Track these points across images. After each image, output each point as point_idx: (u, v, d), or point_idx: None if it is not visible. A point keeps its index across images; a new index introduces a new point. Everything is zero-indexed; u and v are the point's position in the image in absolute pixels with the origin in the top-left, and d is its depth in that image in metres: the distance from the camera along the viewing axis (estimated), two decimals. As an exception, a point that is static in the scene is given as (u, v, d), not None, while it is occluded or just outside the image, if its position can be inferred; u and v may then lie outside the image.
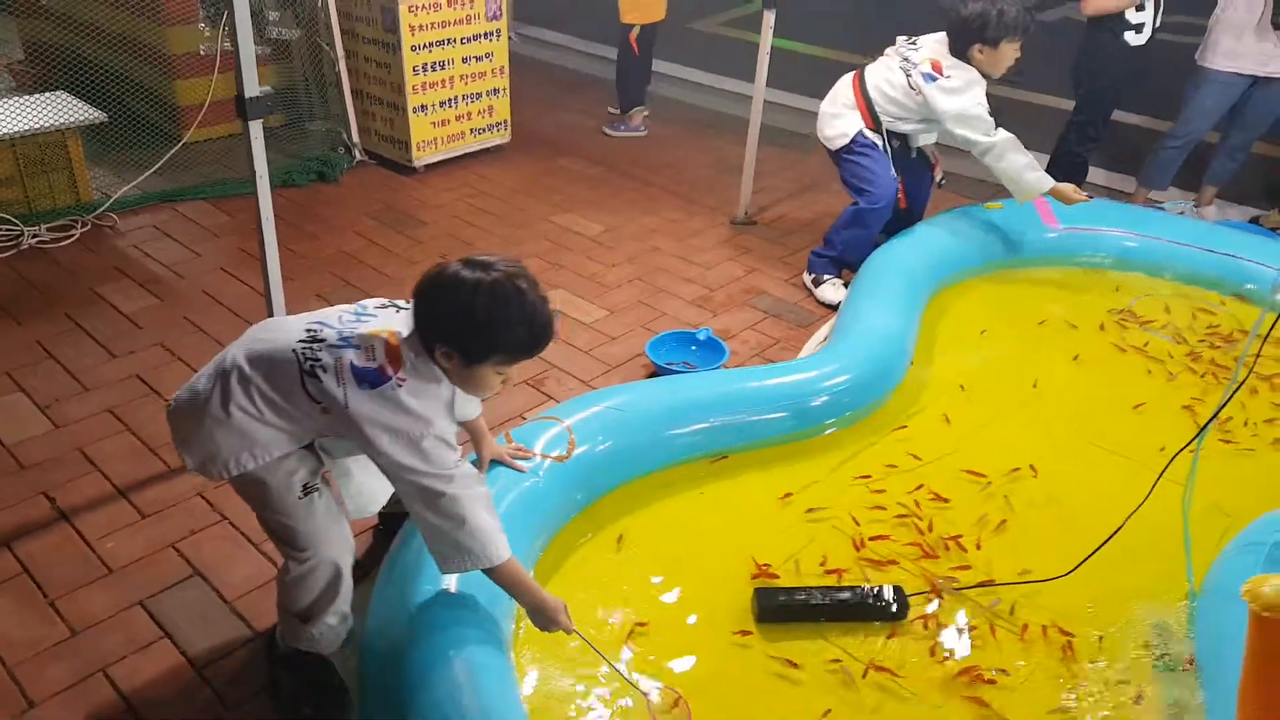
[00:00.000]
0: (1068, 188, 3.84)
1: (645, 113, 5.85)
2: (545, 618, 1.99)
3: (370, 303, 1.99)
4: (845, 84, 3.99)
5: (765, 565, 2.52)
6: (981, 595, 2.47)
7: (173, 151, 4.70)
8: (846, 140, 3.91)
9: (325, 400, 1.82)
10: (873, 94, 3.88)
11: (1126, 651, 2.32)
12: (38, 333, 3.54)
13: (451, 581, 2.09)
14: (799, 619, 2.36)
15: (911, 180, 4.07)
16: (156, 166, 4.64)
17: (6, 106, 4.34)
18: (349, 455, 2.07)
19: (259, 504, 1.97)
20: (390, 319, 1.90)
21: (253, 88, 2.56)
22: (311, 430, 1.91)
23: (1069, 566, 2.40)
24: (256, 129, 2.63)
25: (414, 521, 1.96)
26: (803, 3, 7.27)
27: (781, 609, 2.37)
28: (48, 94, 4.65)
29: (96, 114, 4.47)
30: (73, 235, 4.25)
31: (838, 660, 2.28)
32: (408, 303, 1.92)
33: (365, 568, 2.40)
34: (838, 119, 3.95)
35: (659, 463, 2.77)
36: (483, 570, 1.91)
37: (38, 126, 4.27)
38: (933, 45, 3.81)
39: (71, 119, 4.38)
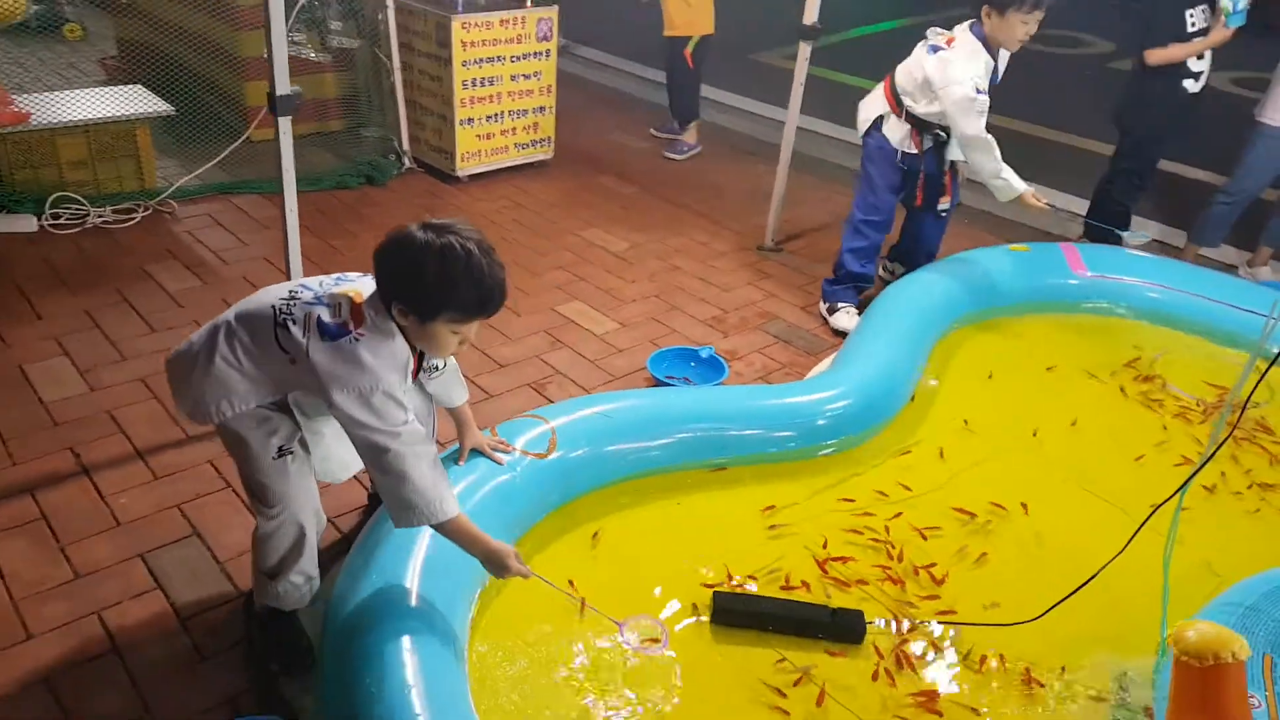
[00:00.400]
0: (1029, 193, 3.85)
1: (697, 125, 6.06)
2: (497, 565, 2.11)
3: (354, 272, 2.13)
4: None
5: (733, 576, 2.61)
6: (944, 629, 2.51)
7: (234, 146, 4.97)
8: (867, 125, 4.00)
9: (292, 350, 1.95)
10: (896, 73, 3.92)
11: (1085, 694, 2.35)
12: (88, 303, 3.80)
13: (414, 563, 2.22)
14: (753, 626, 2.45)
15: (926, 202, 4.10)
16: (218, 159, 4.92)
17: (84, 97, 4.66)
18: (322, 418, 2.21)
19: (240, 459, 2.15)
20: (364, 283, 2.04)
21: (283, 86, 2.77)
22: (281, 382, 2.05)
23: (1042, 609, 2.41)
24: (285, 124, 2.84)
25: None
26: (869, 39, 7.39)
27: (736, 614, 2.46)
28: (124, 87, 4.97)
29: (166, 107, 4.77)
30: (134, 218, 4.53)
31: (782, 659, 2.37)
32: None
33: (350, 542, 2.56)
34: (868, 102, 4.03)
35: (635, 469, 2.88)
36: (431, 526, 2.04)
37: (111, 115, 4.57)
38: (963, 27, 3.78)
39: (142, 110, 4.68)
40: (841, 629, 2.43)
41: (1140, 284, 4.19)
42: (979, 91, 3.66)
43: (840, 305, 4.08)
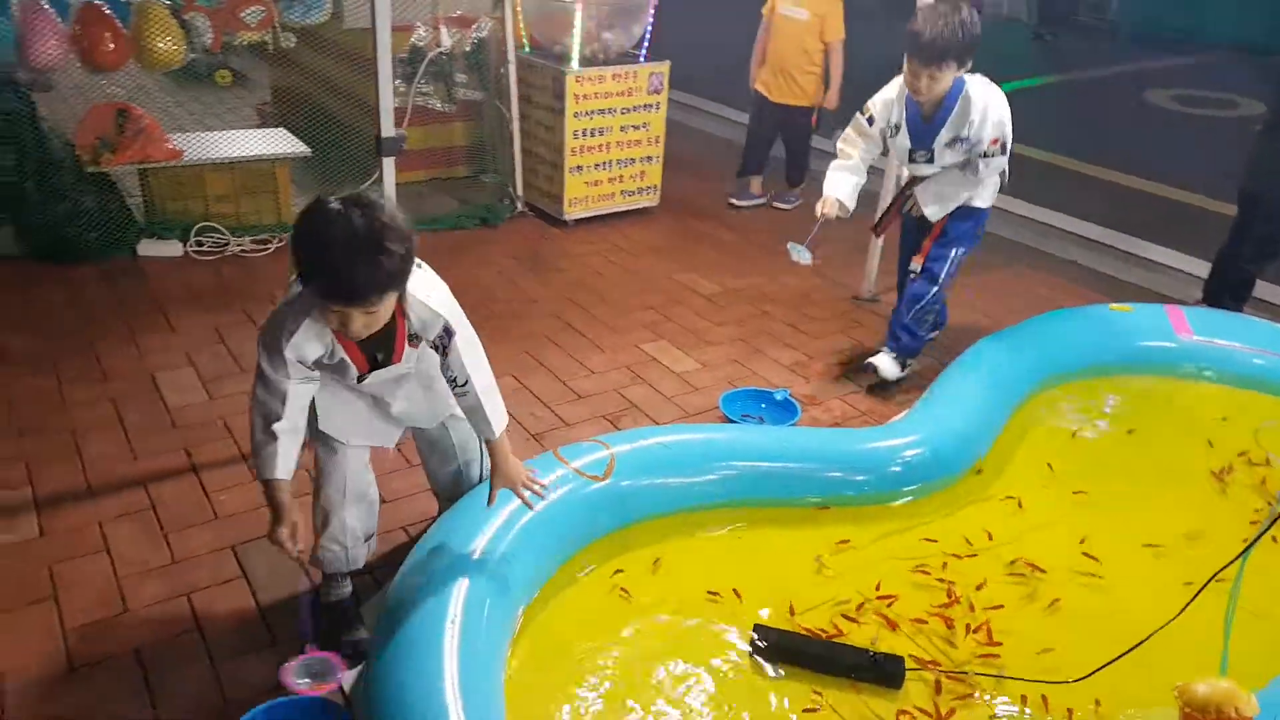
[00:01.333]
0: (827, 200, 3.78)
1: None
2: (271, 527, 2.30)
3: None
4: None
5: (793, 611, 2.68)
6: (984, 680, 2.50)
7: (364, 186, 5.34)
8: None
9: None
10: None
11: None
12: (218, 321, 4.18)
13: (463, 570, 2.40)
14: (790, 662, 2.51)
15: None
16: (347, 198, 5.30)
17: (231, 137, 5.13)
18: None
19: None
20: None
21: (388, 129, 3.05)
22: None
23: (1095, 666, 2.35)
24: (389, 164, 3.12)
25: None
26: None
27: (775, 650, 2.52)
28: (268, 130, 5.44)
29: (303, 148, 5.20)
30: (269, 249, 4.94)
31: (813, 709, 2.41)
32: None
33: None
34: None
35: (691, 502, 3.00)
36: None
37: (254, 155, 5.01)
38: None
39: (282, 151, 5.11)
40: (881, 673, 2.45)
41: (1244, 349, 4.02)
42: (865, 113, 3.77)
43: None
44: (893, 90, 3.73)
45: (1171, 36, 12.32)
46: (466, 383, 2.32)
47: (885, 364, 3.93)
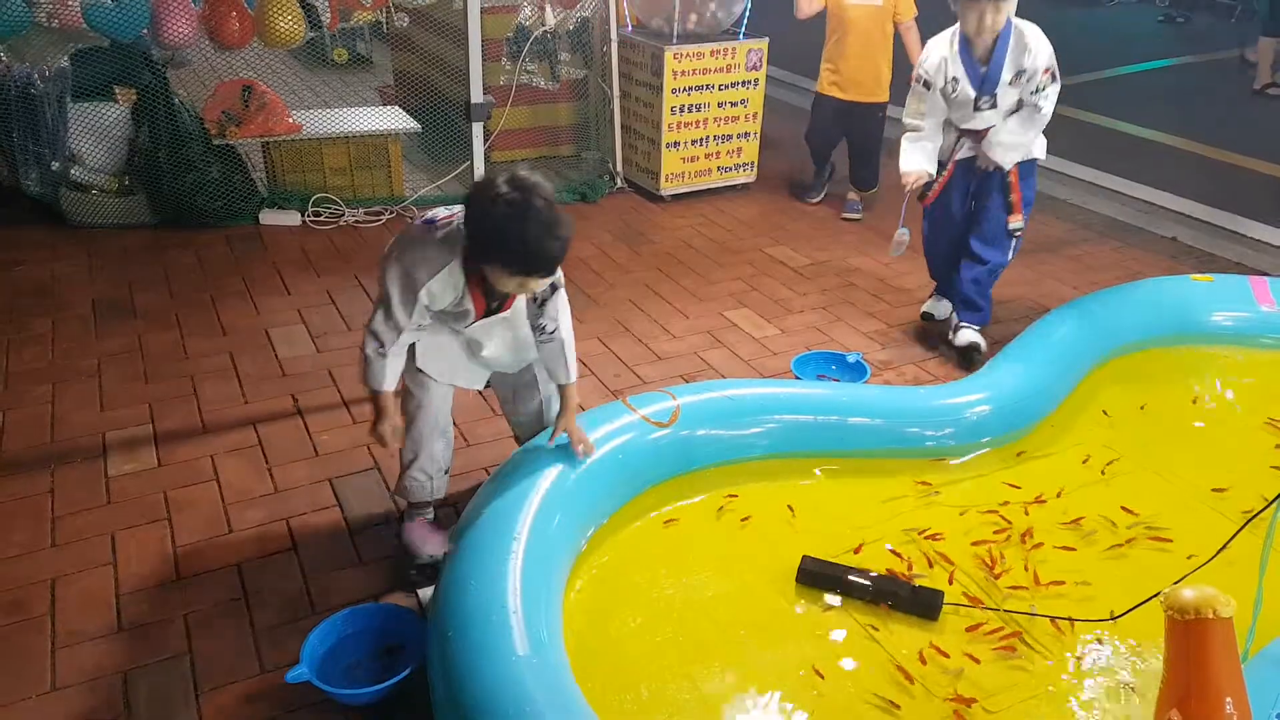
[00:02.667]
0: (910, 173, 3.81)
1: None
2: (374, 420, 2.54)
3: None
4: None
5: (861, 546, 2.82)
6: (1021, 617, 2.58)
7: (470, 164, 5.59)
8: None
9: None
10: None
11: (1150, 691, 2.36)
12: (329, 284, 4.46)
13: (529, 504, 2.53)
14: (835, 590, 2.63)
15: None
16: (454, 174, 5.56)
17: (348, 114, 5.42)
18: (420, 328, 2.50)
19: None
20: None
21: (477, 95, 3.23)
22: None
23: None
24: (478, 129, 3.30)
25: None
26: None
27: (820, 577, 2.65)
28: (383, 108, 5.72)
29: (414, 125, 5.45)
30: (380, 220, 5.22)
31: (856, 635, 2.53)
32: None
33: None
34: None
35: (747, 452, 3.11)
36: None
37: (368, 130, 5.29)
38: None
39: (395, 127, 5.38)
40: (919, 604, 2.56)
41: None
42: (919, 80, 3.77)
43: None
44: (941, 47, 3.72)
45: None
46: (555, 330, 2.56)
47: (979, 338, 3.98)
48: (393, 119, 5.51)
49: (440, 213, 2.39)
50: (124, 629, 2.52)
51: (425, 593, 2.62)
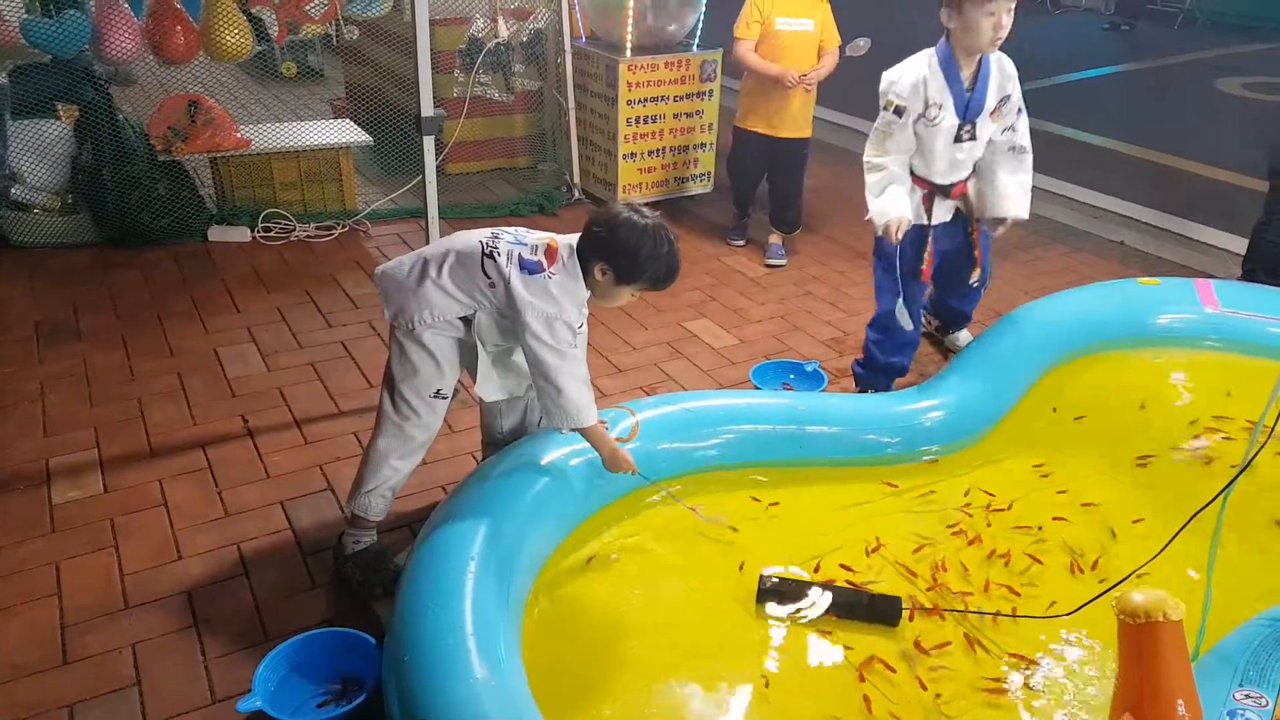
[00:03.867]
0: (890, 220, 3.37)
1: None
2: (614, 464, 2.65)
3: (528, 231, 2.58)
4: None
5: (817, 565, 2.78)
6: (975, 617, 2.60)
7: (414, 182, 5.53)
8: None
9: (494, 277, 2.43)
10: None
11: (1106, 691, 2.37)
12: (280, 301, 4.38)
13: (486, 520, 2.50)
14: (791, 600, 2.60)
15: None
16: (407, 187, 5.51)
17: (298, 128, 5.35)
18: (497, 347, 2.61)
19: (403, 374, 2.58)
20: (554, 236, 2.52)
21: (428, 108, 3.18)
22: (476, 301, 2.50)
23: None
24: (429, 142, 3.25)
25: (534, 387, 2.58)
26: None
27: (780, 594, 2.62)
28: (335, 120, 5.65)
29: (366, 138, 5.39)
30: (333, 234, 5.15)
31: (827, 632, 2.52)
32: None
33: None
34: None
35: (707, 462, 3.08)
36: (573, 430, 2.56)
37: (319, 144, 5.22)
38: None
39: (346, 140, 5.32)
40: (878, 613, 2.55)
41: (1268, 320, 3.91)
42: (889, 107, 3.35)
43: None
44: (918, 67, 3.32)
45: (1246, 25, 12.05)
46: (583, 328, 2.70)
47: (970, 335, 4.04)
48: (344, 132, 5.44)
49: (518, 251, 2.45)
50: (70, 661, 2.44)
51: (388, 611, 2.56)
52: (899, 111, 3.33)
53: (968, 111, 3.37)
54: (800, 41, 4.74)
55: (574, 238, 2.50)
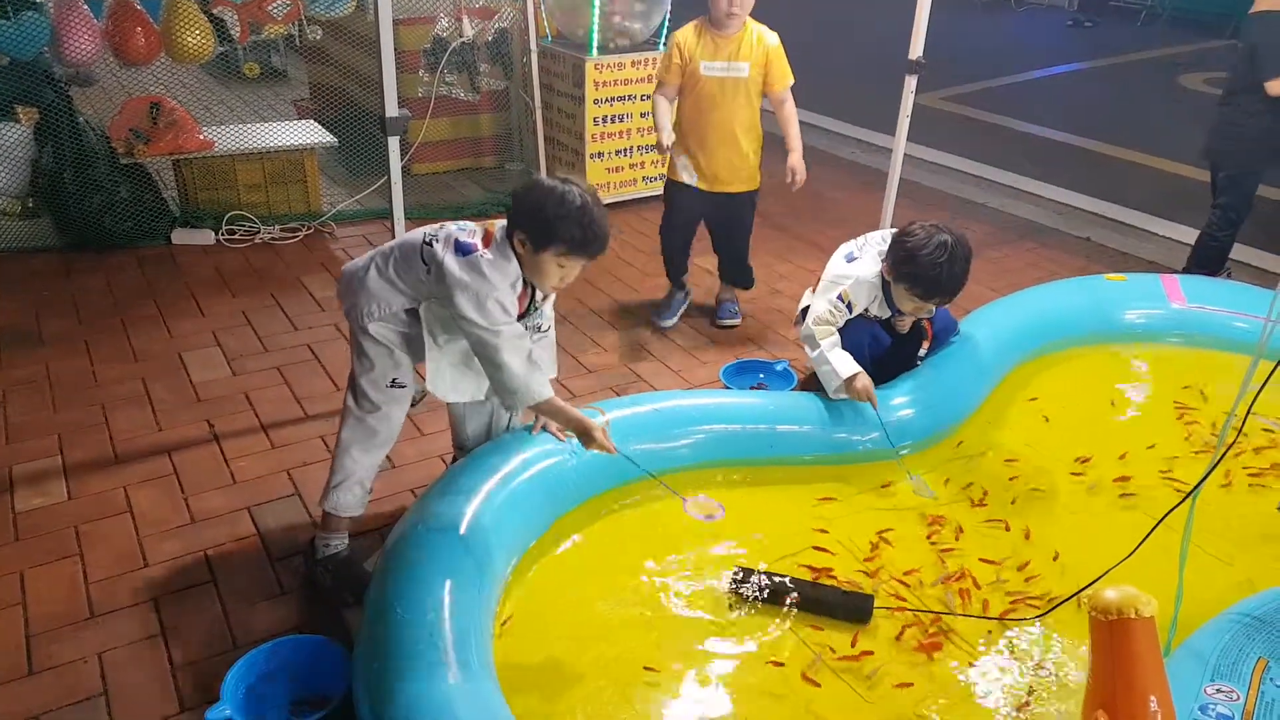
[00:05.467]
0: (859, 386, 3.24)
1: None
2: (585, 437, 2.57)
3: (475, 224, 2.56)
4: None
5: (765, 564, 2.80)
6: (949, 617, 2.62)
7: (380, 183, 5.49)
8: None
9: (431, 263, 2.43)
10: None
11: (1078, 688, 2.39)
12: (245, 305, 4.34)
13: (462, 522, 2.50)
14: (763, 597, 2.62)
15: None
16: (373, 188, 5.47)
17: (262, 129, 5.29)
18: (445, 338, 2.59)
19: (362, 369, 2.60)
20: (492, 222, 2.51)
21: (392, 109, 3.16)
22: (417, 290, 2.51)
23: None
24: (394, 143, 3.23)
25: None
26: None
27: (752, 587, 2.63)
28: (299, 122, 5.61)
29: (330, 139, 5.35)
30: (298, 236, 5.11)
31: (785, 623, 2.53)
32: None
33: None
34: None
35: (678, 462, 3.07)
36: (529, 406, 2.53)
37: (283, 145, 5.17)
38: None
39: (310, 141, 5.27)
40: (850, 609, 2.57)
41: (1232, 314, 4.01)
42: (844, 302, 3.36)
43: None
44: (871, 289, 3.38)
45: (1208, 21, 12.22)
46: (548, 327, 2.80)
47: None
48: (308, 133, 5.40)
49: (455, 235, 2.45)
50: (34, 672, 2.40)
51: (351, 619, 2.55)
52: (850, 307, 3.38)
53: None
54: (730, 89, 3.94)
55: None
